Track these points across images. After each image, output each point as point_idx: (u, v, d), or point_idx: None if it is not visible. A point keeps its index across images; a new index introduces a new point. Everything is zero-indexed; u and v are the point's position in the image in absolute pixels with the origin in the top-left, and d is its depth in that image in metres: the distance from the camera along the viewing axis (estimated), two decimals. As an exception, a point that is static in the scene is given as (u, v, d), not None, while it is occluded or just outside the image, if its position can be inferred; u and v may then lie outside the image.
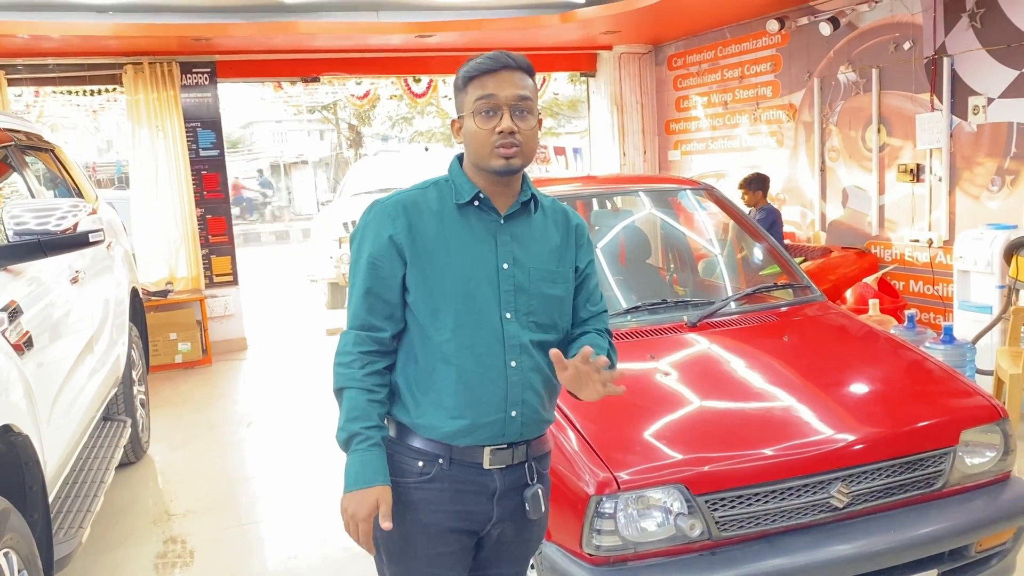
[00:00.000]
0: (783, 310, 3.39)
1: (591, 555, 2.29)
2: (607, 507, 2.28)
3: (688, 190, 4.10)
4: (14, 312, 2.73)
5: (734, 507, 2.34)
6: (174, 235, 7.39)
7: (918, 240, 6.00)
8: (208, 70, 7.49)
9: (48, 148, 4.44)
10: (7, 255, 2.85)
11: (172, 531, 4.02)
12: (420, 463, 1.78)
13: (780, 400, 2.71)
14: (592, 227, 4.00)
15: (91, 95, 7.62)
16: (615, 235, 3.92)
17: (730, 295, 3.53)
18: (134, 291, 5.00)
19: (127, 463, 4.82)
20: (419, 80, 8.58)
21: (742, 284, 3.83)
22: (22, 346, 2.71)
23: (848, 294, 5.99)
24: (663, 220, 4.21)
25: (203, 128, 7.56)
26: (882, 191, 6.33)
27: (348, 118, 24.60)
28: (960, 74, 5.57)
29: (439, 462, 1.78)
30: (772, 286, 3.61)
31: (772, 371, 2.87)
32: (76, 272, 3.67)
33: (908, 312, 5.20)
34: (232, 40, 6.88)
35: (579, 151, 13.74)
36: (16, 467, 2.59)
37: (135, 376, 4.87)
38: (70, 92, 7.45)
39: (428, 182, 1.85)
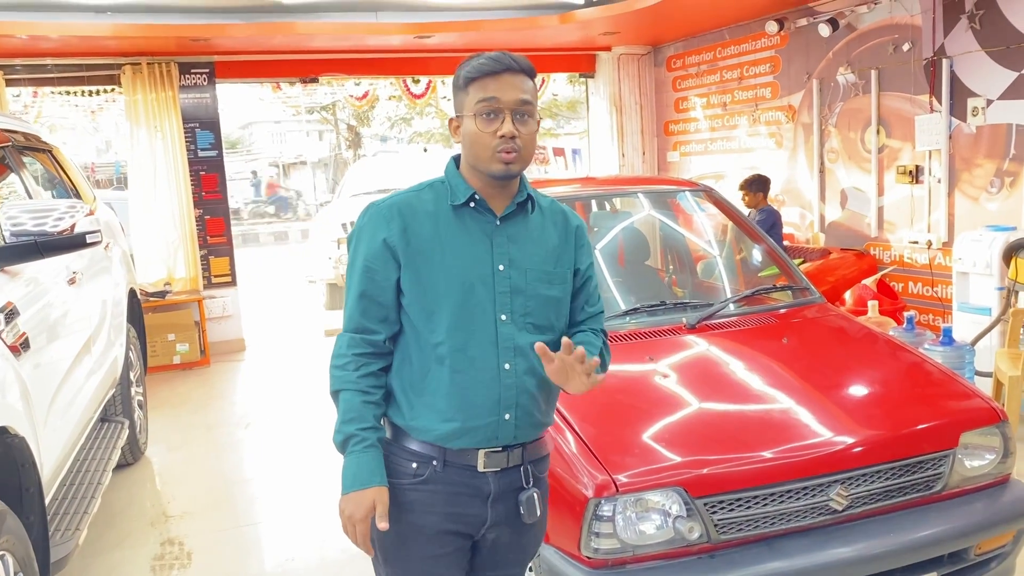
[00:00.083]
0: (782, 312, 3.38)
1: (589, 558, 2.29)
2: (605, 510, 2.27)
3: (687, 191, 4.09)
4: (11, 313, 2.73)
5: (733, 510, 2.34)
6: (172, 236, 7.38)
7: (917, 242, 6.00)
8: (207, 70, 7.48)
9: (46, 149, 4.43)
10: (4, 256, 2.85)
11: (170, 533, 4.01)
12: (414, 464, 1.78)
13: (779, 402, 2.70)
14: (591, 228, 4.00)
15: (89, 95, 7.61)
16: (614, 236, 3.91)
17: (729, 297, 3.53)
18: (132, 292, 4.99)
19: (125, 464, 4.80)
20: (418, 81, 8.58)
21: (741, 286, 3.82)
22: (19, 347, 2.71)
23: (847, 296, 5.98)
24: (662, 222, 4.20)
25: (201, 129, 7.55)
26: (881, 192, 6.32)
27: (347, 119, 24.61)
28: (959, 76, 5.57)
29: (433, 464, 1.77)
30: (771, 288, 3.60)
31: (771, 373, 2.86)
32: (74, 273, 3.66)
33: (907, 314, 5.20)
34: (231, 41, 6.87)
35: (578, 152, 13.74)
36: (12, 469, 2.58)
37: (133, 377, 4.86)
38: (68, 92, 7.44)
39: (424, 184, 1.84)
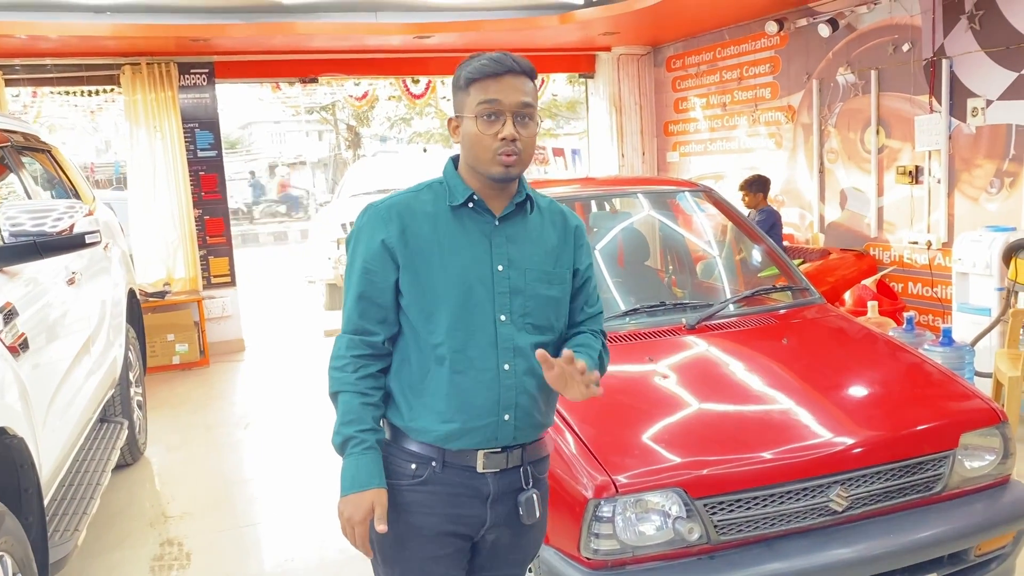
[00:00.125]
0: (782, 312, 3.38)
1: (589, 559, 2.28)
2: (605, 511, 2.27)
3: (687, 192, 4.09)
4: (9, 314, 2.72)
5: (733, 511, 2.33)
6: (172, 236, 7.37)
7: (917, 242, 6.00)
8: (206, 71, 7.47)
9: (45, 149, 4.43)
10: (3, 256, 2.84)
11: (169, 533, 4.01)
12: (413, 465, 1.78)
13: (779, 403, 2.70)
14: (591, 229, 3.99)
15: (89, 95, 7.61)
16: (613, 237, 3.91)
17: (729, 297, 3.53)
18: (131, 292, 4.99)
19: (124, 465, 4.80)
20: (417, 81, 8.58)
21: (741, 286, 3.82)
22: (17, 348, 2.70)
23: (847, 296, 5.98)
24: (662, 222, 4.20)
25: (201, 129, 7.54)
26: (881, 193, 6.32)
27: (346, 119, 24.60)
28: (959, 76, 5.57)
29: (432, 465, 1.77)
30: (771, 288, 3.60)
31: (771, 374, 2.86)
32: (73, 273, 3.66)
33: (907, 314, 5.20)
34: (230, 41, 6.87)
35: (577, 152, 13.74)
36: (11, 470, 2.58)
37: (132, 377, 4.86)
38: (68, 92, 7.44)
39: (422, 184, 1.84)
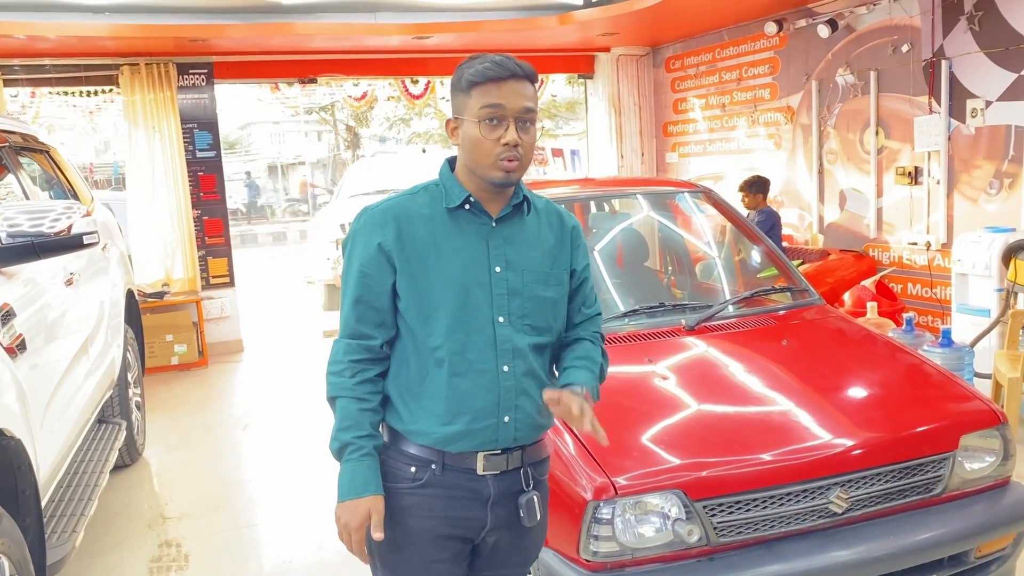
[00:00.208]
0: (781, 313, 3.37)
1: (588, 561, 2.28)
2: (604, 513, 2.26)
3: (686, 193, 4.09)
4: (7, 315, 2.72)
5: (732, 512, 2.33)
6: (170, 236, 7.36)
7: (916, 243, 6.00)
8: (205, 71, 7.46)
9: (43, 149, 4.42)
10: (0, 257, 2.83)
11: (167, 535, 4.00)
12: (413, 468, 1.77)
13: (779, 404, 2.70)
14: (590, 230, 3.99)
15: (88, 96, 7.61)
16: (613, 238, 3.91)
17: (728, 298, 3.52)
18: (130, 293, 4.98)
19: (122, 466, 4.79)
20: (416, 81, 8.57)
21: (740, 287, 3.81)
22: (15, 349, 2.69)
23: (846, 297, 5.97)
24: (661, 223, 4.19)
25: (200, 129, 7.53)
26: (880, 194, 6.32)
27: (345, 119, 24.63)
28: (958, 77, 5.57)
29: (432, 467, 1.76)
30: (770, 289, 3.60)
31: (770, 375, 2.85)
32: (71, 274, 3.65)
33: (906, 315, 5.19)
34: (229, 41, 6.86)
35: (576, 153, 13.73)
36: (8, 471, 2.57)
37: (130, 378, 4.85)
38: (66, 93, 7.43)
39: (418, 187, 1.83)
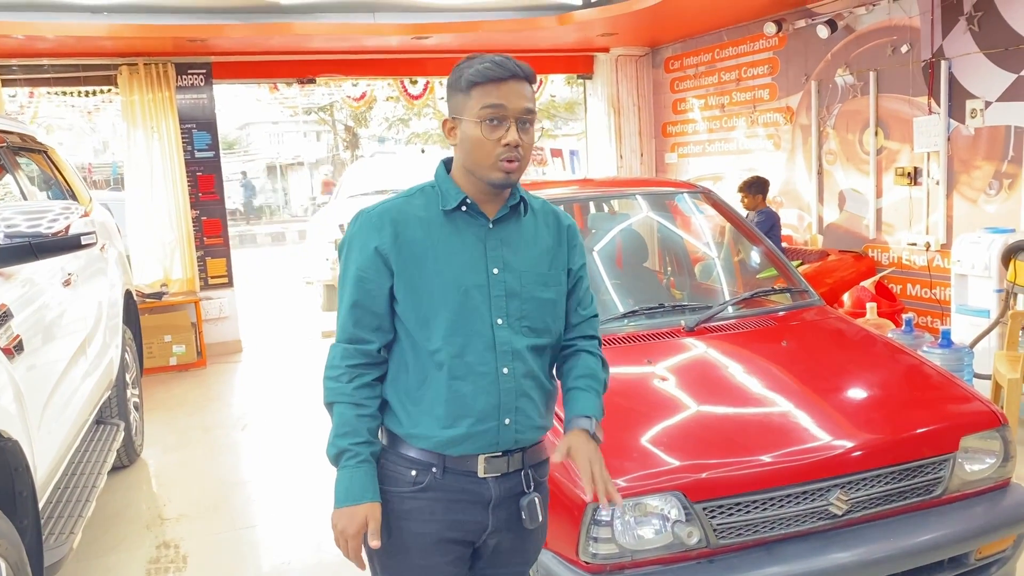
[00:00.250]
0: (780, 314, 3.37)
1: (588, 563, 2.27)
2: (604, 514, 2.25)
3: (685, 193, 4.08)
4: (4, 315, 2.71)
5: (732, 514, 2.32)
6: (169, 237, 7.35)
7: (916, 244, 5.99)
8: (204, 71, 7.45)
9: (41, 149, 4.41)
10: (-2, 258, 2.82)
11: (165, 536, 3.99)
12: (413, 472, 1.76)
13: (778, 406, 2.69)
14: (589, 230, 3.98)
15: (86, 96, 7.59)
16: (612, 239, 3.90)
17: (727, 299, 3.52)
18: (128, 293, 4.97)
19: (120, 467, 4.78)
20: (415, 82, 8.56)
21: (739, 288, 3.81)
22: (12, 350, 2.68)
23: (845, 298, 5.97)
24: (660, 223, 4.18)
25: (198, 129, 7.52)
26: (879, 194, 6.32)
27: (344, 120, 24.61)
28: (958, 77, 5.56)
29: (432, 471, 1.75)
30: (769, 290, 3.59)
31: (770, 376, 2.85)
32: (69, 274, 3.64)
33: (906, 316, 5.18)
34: (228, 41, 6.85)
35: (576, 153, 13.72)
36: (6, 473, 2.56)
37: (129, 379, 4.84)
38: (65, 93, 7.42)
39: (414, 189, 1.82)
